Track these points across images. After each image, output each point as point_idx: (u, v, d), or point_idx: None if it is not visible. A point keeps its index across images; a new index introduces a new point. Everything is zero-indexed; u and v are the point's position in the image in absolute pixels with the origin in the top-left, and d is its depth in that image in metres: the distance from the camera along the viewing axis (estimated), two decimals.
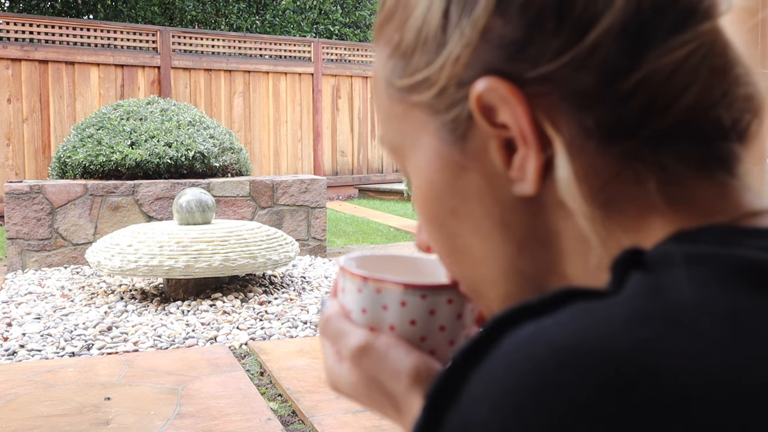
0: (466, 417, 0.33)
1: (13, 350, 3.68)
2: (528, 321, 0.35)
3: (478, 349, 0.35)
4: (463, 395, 0.34)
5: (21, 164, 9.09)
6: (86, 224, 5.74)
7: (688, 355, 0.32)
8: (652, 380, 0.31)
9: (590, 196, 0.40)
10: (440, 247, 0.47)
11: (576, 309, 0.35)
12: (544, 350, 0.33)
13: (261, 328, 4.04)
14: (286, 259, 4.67)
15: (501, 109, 0.40)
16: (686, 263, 0.36)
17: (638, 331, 0.32)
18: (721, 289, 0.34)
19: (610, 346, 0.32)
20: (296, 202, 6.28)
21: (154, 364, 3.48)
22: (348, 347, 0.50)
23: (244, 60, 10.92)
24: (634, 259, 0.37)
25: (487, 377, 0.34)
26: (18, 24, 9.12)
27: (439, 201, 0.45)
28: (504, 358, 0.34)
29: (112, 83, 9.74)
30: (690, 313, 0.33)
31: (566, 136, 0.39)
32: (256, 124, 11.12)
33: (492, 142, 0.41)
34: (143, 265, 4.27)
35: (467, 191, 0.44)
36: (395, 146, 0.48)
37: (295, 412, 2.95)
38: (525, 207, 0.42)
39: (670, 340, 0.32)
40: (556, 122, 0.39)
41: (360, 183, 12.25)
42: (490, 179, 0.42)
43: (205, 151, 6.16)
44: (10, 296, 4.75)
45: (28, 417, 2.84)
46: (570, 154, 0.39)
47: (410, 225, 8.26)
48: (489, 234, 0.44)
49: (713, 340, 0.32)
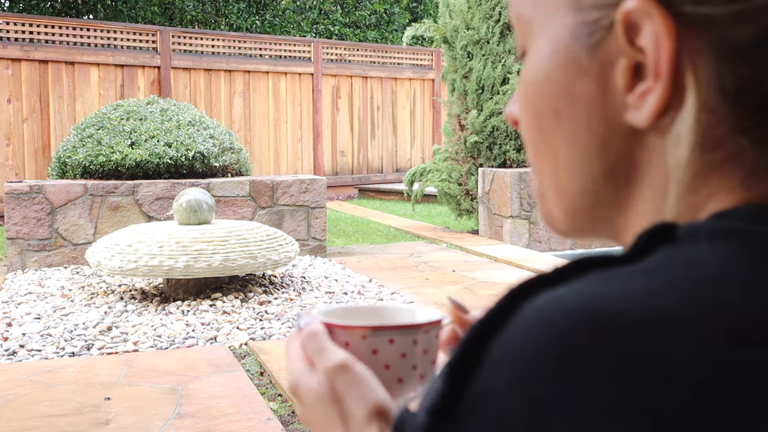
0: (488, 385, 0.34)
1: (13, 350, 3.68)
2: (544, 290, 0.35)
3: (497, 319, 0.36)
4: (485, 364, 0.35)
5: (21, 164, 9.09)
6: (86, 224, 5.74)
7: (704, 326, 0.32)
8: (668, 346, 0.31)
9: (696, 155, 0.39)
10: (528, 136, 0.46)
11: (592, 278, 0.35)
12: (560, 316, 0.33)
13: (261, 328, 4.04)
14: (286, 259, 4.67)
15: (645, 33, 0.38)
16: (712, 238, 0.36)
17: (656, 300, 0.33)
18: (746, 263, 0.34)
19: (625, 313, 0.32)
20: (296, 202, 6.29)
21: (154, 364, 3.48)
22: (329, 362, 0.51)
23: (244, 60, 10.92)
24: (663, 233, 0.37)
25: (506, 346, 0.34)
26: (18, 24, 9.12)
27: (548, 95, 0.43)
28: (522, 327, 0.34)
29: (112, 83, 9.74)
30: (710, 285, 0.33)
31: (702, 88, 0.38)
32: (256, 124, 11.12)
33: (623, 60, 0.39)
34: (143, 265, 4.27)
35: (579, 97, 0.41)
36: (524, 18, 0.45)
37: (295, 412, 2.95)
38: (628, 137, 0.41)
39: (686, 310, 0.32)
40: (698, 69, 0.38)
41: (360, 183, 12.25)
42: (607, 95, 0.41)
43: (205, 151, 6.16)
44: (10, 296, 4.75)
45: (28, 417, 2.84)
46: (698, 108, 0.38)
47: (410, 225, 8.26)
48: (583, 148, 0.42)
49: (733, 312, 0.32)
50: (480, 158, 7.37)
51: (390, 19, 17.15)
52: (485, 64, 7.25)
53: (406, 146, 12.87)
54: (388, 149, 12.66)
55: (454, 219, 8.00)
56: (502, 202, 6.89)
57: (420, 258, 6.22)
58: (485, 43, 7.27)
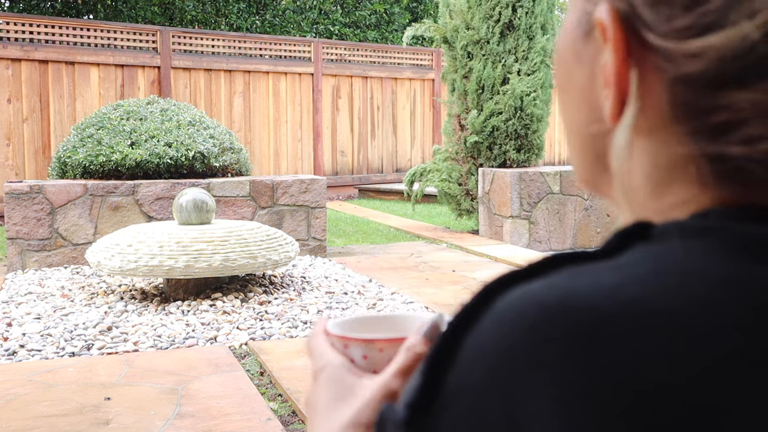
0: (462, 379, 0.35)
1: (13, 350, 3.68)
2: (518, 285, 0.36)
3: (471, 315, 0.36)
4: (459, 359, 0.35)
5: (21, 164, 9.09)
6: (86, 224, 5.74)
7: (674, 316, 0.32)
8: (639, 337, 0.32)
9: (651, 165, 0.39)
10: (559, 101, 0.49)
11: (565, 272, 0.36)
12: (533, 310, 0.34)
13: (261, 328, 4.04)
14: (286, 259, 4.67)
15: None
16: (686, 235, 0.36)
17: (627, 293, 0.33)
18: (720, 259, 0.35)
19: (597, 306, 0.33)
20: (296, 202, 6.29)
21: (154, 364, 3.48)
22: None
23: (244, 60, 10.92)
24: (639, 231, 0.38)
25: (480, 340, 0.35)
26: (18, 24, 9.12)
27: (560, 72, 0.46)
28: (495, 321, 0.35)
29: (112, 83, 9.74)
30: (682, 278, 0.34)
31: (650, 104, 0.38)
32: (256, 124, 11.12)
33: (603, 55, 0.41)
34: (143, 265, 4.27)
35: (577, 81, 0.44)
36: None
37: (295, 412, 2.95)
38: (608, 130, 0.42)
39: (659, 303, 0.33)
40: (645, 87, 0.38)
41: (360, 183, 12.25)
42: (594, 84, 0.42)
43: (205, 151, 6.16)
44: (10, 296, 4.75)
45: (28, 417, 2.84)
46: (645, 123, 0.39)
47: (410, 225, 8.26)
48: (579, 129, 0.45)
49: (705, 305, 0.33)
50: (480, 158, 7.37)
51: (390, 19, 17.15)
52: (485, 64, 7.25)
53: (406, 146, 12.87)
54: (388, 149, 12.66)
55: (454, 219, 7.99)
56: (502, 202, 6.89)
57: (420, 258, 6.22)
58: (485, 43, 7.27)
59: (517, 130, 7.19)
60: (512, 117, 7.18)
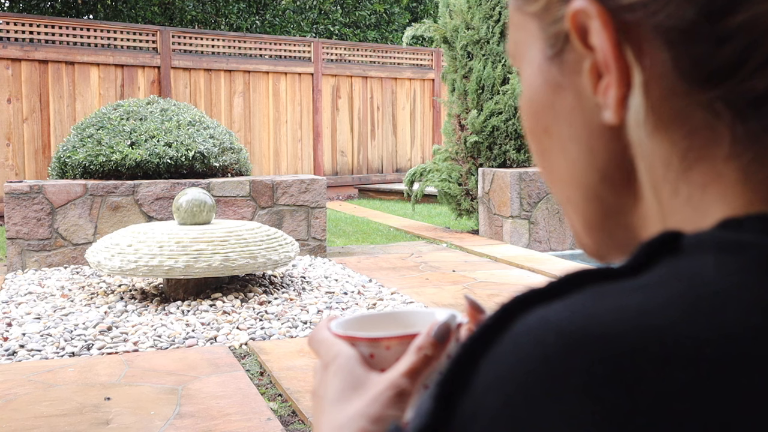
0: (476, 406, 0.33)
1: (13, 350, 3.68)
2: (538, 306, 0.34)
3: (487, 337, 0.34)
4: (473, 384, 0.34)
5: (21, 164, 9.09)
6: (86, 224, 5.74)
7: (704, 345, 0.30)
8: (663, 370, 0.30)
9: (673, 143, 0.38)
10: (536, 159, 0.47)
11: (587, 293, 0.34)
12: (552, 337, 0.32)
13: (261, 328, 4.04)
14: (286, 259, 4.67)
15: (593, 32, 0.39)
16: (719, 250, 0.34)
17: (652, 319, 0.31)
18: (755, 279, 0.32)
19: (619, 333, 0.31)
20: (296, 202, 6.29)
21: (154, 364, 3.48)
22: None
23: (244, 60, 10.92)
24: (668, 243, 0.35)
25: (496, 365, 0.33)
26: (18, 24, 9.13)
27: (537, 117, 0.45)
28: (513, 345, 0.33)
29: (112, 83, 9.74)
30: (712, 303, 0.32)
31: (654, 71, 0.37)
32: (256, 124, 11.12)
33: (585, 63, 0.40)
34: (143, 265, 4.27)
35: (560, 111, 0.43)
36: (513, 55, 0.48)
37: (295, 412, 2.95)
38: (612, 136, 0.41)
39: (685, 330, 0.31)
40: (643, 54, 0.38)
41: (360, 183, 12.25)
42: (582, 101, 0.41)
43: (205, 151, 6.16)
44: (10, 296, 4.75)
45: (28, 417, 2.84)
46: (656, 92, 0.38)
47: (410, 225, 8.26)
48: (575, 158, 0.43)
49: (738, 331, 0.31)
50: (480, 158, 7.37)
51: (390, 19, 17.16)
52: (485, 64, 7.25)
53: (406, 146, 12.87)
54: (388, 149, 12.66)
55: (454, 219, 8.00)
56: (502, 202, 6.89)
57: (420, 258, 6.22)
58: (485, 43, 7.27)
59: (517, 129, 7.18)
60: (512, 117, 7.18)
